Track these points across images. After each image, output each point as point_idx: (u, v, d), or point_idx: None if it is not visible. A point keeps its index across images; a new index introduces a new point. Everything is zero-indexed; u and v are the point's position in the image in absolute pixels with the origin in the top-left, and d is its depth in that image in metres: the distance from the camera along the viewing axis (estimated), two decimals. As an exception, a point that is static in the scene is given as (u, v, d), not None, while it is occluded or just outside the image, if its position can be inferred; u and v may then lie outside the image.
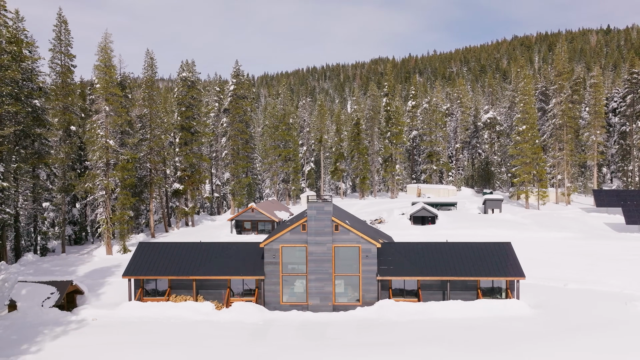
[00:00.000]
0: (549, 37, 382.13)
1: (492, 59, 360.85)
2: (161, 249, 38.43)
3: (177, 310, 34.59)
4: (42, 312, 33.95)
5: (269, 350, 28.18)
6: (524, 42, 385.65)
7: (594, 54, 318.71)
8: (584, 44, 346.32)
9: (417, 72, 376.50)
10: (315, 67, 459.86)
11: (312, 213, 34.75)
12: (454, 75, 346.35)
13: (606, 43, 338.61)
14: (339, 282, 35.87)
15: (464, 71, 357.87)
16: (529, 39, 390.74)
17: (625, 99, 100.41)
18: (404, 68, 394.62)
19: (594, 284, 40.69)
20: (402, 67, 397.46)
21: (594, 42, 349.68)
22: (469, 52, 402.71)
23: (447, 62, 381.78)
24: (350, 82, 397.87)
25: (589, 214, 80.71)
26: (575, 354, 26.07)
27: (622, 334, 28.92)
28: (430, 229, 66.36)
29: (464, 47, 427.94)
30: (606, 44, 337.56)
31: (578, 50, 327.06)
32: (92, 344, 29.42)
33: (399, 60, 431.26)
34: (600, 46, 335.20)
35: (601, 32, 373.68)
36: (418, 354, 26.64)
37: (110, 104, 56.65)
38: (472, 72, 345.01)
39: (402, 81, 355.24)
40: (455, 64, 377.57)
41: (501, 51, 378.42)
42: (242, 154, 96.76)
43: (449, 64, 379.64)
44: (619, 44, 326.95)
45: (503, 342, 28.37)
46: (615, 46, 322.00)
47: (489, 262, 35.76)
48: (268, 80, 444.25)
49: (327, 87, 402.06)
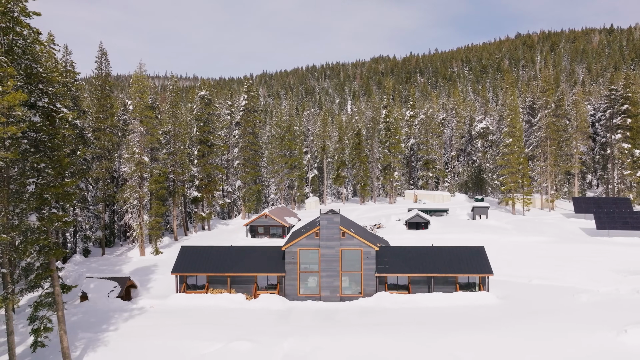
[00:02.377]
0: (551, 36, 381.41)
1: (494, 58, 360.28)
2: (200, 251, 47.08)
3: (215, 300, 43.26)
4: (109, 302, 42.59)
5: (292, 329, 36.82)
6: (526, 41, 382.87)
7: (596, 54, 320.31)
8: (586, 44, 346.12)
9: (418, 71, 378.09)
10: (314, 65, 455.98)
11: (324, 223, 43.46)
12: (455, 75, 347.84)
13: (608, 43, 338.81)
14: (345, 278, 44.53)
15: (465, 71, 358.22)
16: (532, 39, 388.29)
17: (606, 113, 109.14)
18: (404, 68, 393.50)
19: (554, 280, 49.34)
20: (402, 67, 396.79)
21: (596, 43, 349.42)
22: (471, 51, 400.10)
23: (448, 62, 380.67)
24: (351, 81, 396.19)
25: (568, 220, 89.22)
26: (526, 331, 34.79)
27: (565, 318, 37.55)
28: (423, 234, 74.87)
29: (465, 45, 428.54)
30: (608, 44, 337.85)
31: (580, 50, 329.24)
32: (154, 325, 38.08)
33: (399, 59, 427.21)
34: (602, 47, 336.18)
35: (604, 31, 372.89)
36: (406, 331, 35.31)
37: (144, 125, 65.38)
38: (473, 72, 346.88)
39: (402, 82, 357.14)
40: (456, 64, 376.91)
41: (503, 50, 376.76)
42: (252, 163, 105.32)
43: (450, 63, 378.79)
44: (620, 44, 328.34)
45: (473, 323, 37.02)
46: (617, 47, 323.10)
47: (465, 262, 44.42)
48: (267, 79, 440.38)
49: (327, 87, 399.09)
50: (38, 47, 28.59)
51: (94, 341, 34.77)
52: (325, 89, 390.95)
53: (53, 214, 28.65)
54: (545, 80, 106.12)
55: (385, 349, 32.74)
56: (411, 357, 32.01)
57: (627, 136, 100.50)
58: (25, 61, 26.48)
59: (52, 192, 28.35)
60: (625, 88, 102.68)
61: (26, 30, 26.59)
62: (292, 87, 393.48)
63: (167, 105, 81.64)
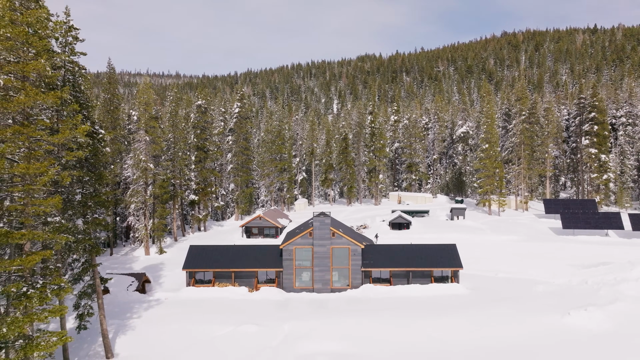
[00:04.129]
0: (536, 35, 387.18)
1: (479, 58, 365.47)
2: (206, 250, 53.14)
3: (222, 293, 49.36)
4: (128, 295, 48.47)
5: (290, 315, 43.11)
6: (512, 41, 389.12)
7: (579, 55, 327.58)
8: (570, 44, 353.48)
9: (404, 71, 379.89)
10: (300, 64, 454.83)
11: (317, 224, 49.82)
12: (440, 75, 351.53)
13: (591, 44, 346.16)
14: (335, 272, 50.91)
15: (451, 71, 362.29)
16: (517, 38, 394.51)
17: (575, 120, 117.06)
18: (390, 67, 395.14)
19: (517, 274, 56.26)
20: (389, 66, 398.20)
21: (579, 43, 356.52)
22: (457, 50, 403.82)
23: (434, 61, 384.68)
24: (337, 80, 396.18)
25: (539, 220, 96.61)
26: (489, 315, 41.51)
27: (523, 304, 44.34)
28: (405, 233, 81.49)
29: (451, 44, 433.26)
30: (591, 44, 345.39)
31: (564, 51, 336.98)
32: (171, 313, 44.09)
33: (386, 57, 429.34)
34: (585, 47, 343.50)
35: (588, 31, 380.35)
36: (388, 316, 41.81)
37: (150, 135, 71.14)
38: (458, 72, 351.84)
39: (388, 81, 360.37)
40: (442, 63, 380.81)
41: (488, 50, 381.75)
42: (245, 167, 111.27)
43: (436, 62, 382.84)
44: (603, 45, 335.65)
45: (445, 309, 43.64)
46: (600, 48, 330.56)
47: (439, 258, 51.11)
48: (252, 77, 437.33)
49: (313, 86, 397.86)
50: (81, 79, 34.46)
51: (122, 326, 40.74)
52: (311, 88, 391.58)
53: (95, 219, 34.60)
54: (520, 90, 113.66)
55: (370, 330, 39.20)
56: (393, 336, 38.50)
57: (594, 142, 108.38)
58: (75, 93, 32.39)
59: (94, 201, 34.31)
60: (592, 97, 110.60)
61: (76, 67, 32.49)
62: (278, 86, 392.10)
63: (167, 114, 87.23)
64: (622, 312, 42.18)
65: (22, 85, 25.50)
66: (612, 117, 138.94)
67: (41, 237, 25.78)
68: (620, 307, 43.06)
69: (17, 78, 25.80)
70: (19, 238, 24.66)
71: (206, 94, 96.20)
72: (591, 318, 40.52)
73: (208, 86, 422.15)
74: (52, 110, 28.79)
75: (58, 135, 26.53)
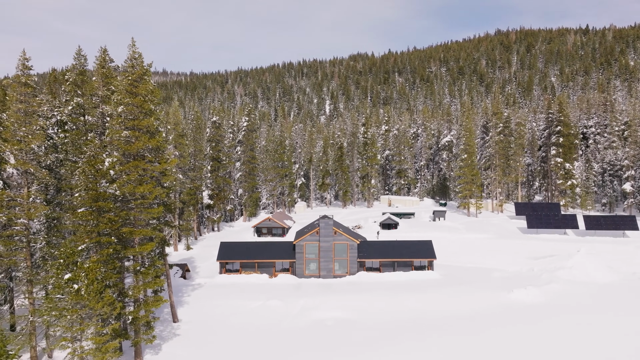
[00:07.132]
0: (528, 35, 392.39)
1: (471, 59, 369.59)
2: (234, 245, 66.77)
3: (247, 279, 62.98)
4: (175, 280, 61.94)
5: (304, 293, 56.84)
6: (504, 41, 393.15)
7: (570, 57, 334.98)
8: (561, 44, 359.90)
9: (396, 71, 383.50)
10: (291, 62, 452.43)
11: (322, 225, 63.66)
12: (432, 76, 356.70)
13: (582, 45, 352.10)
14: (337, 262, 64.69)
15: (443, 72, 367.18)
16: (509, 38, 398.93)
17: (544, 132, 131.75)
18: (383, 67, 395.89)
19: (481, 264, 70.38)
20: (381, 65, 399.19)
21: (570, 44, 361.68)
22: (449, 49, 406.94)
23: (426, 62, 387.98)
24: (329, 80, 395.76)
25: (510, 221, 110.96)
26: (454, 293, 55.49)
27: (480, 285, 58.30)
28: (393, 233, 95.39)
29: (444, 43, 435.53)
30: (582, 45, 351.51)
31: (555, 52, 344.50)
32: (212, 293, 57.64)
33: (378, 57, 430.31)
34: (576, 49, 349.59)
35: (580, 31, 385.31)
36: (378, 294, 55.66)
37: (179, 151, 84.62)
38: (450, 73, 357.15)
39: (381, 82, 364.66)
40: (434, 64, 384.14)
41: (481, 50, 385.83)
42: (252, 174, 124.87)
43: (429, 63, 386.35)
44: (594, 46, 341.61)
45: (422, 289, 57.50)
46: (590, 49, 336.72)
47: (418, 251, 65.09)
48: (242, 76, 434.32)
49: (305, 85, 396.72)
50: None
51: (178, 302, 54.31)
52: (303, 88, 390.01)
53: (165, 221, 48.17)
54: (496, 105, 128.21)
55: (365, 303, 53.04)
56: (382, 307, 52.32)
57: (560, 152, 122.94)
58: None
59: (167, 208, 47.94)
60: (559, 112, 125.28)
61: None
62: (270, 86, 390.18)
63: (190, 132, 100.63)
64: (553, 290, 56.39)
65: (138, 135, 39.18)
66: (584, 127, 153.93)
67: (149, 234, 39.47)
68: (553, 287, 57.28)
69: (134, 129, 39.49)
70: (138, 234, 38.32)
71: (214, 110, 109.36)
72: (528, 294, 54.63)
73: (198, 86, 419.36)
74: (153, 150, 42.29)
75: (158, 167, 40.21)
